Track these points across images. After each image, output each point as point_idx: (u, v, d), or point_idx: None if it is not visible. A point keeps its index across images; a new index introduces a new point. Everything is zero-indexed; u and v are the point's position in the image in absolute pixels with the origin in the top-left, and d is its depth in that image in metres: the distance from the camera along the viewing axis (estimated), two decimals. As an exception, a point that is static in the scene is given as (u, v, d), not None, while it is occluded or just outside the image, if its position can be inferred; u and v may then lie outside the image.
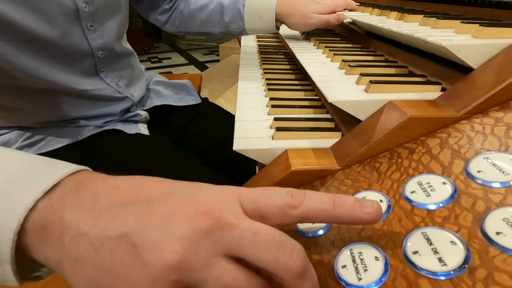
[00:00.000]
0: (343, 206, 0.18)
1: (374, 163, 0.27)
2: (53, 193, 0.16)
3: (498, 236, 0.17)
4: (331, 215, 0.18)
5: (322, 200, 0.18)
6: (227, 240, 0.15)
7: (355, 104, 0.30)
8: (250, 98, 0.45)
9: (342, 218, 0.18)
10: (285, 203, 0.17)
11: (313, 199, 0.18)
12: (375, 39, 0.49)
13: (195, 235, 0.15)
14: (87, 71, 0.53)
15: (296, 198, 0.18)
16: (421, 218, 0.20)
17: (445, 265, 0.17)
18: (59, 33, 0.45)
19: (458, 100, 0.27)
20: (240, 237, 0.15)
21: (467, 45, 0.27)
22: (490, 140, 0.23)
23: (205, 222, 0.15)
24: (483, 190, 0.20)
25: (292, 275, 0.16)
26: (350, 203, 0.18)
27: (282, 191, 0.18)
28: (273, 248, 0.16)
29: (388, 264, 0.19)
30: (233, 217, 0.16)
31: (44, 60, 0.46)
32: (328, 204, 0.18)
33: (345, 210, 0.18)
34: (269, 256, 0.16)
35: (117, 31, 0.56)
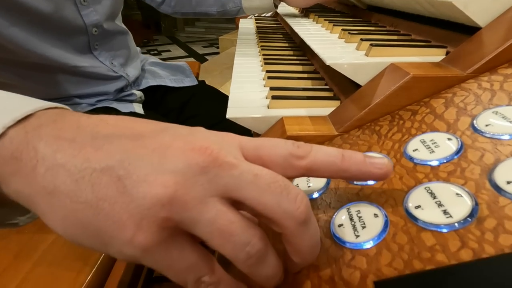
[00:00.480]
0: (352, 159, 0.17)
1: (374, 127, 0.25)
2: (27, 122, 0.14)
3: (509, 185, 0.15)
4: (339, 168, 0.17)
5: (330, 153, 0.17)
6: (225, 179, 0.14)
7: (354, 67, 0.28)
8: (246, 72, 0.43)
9: (350, 172, 0.17)
10: (291, 152, 0.16)
11: (320, 152, 0.17)
12: (377, 13, 0.47)
13: (190, 170, 0.13)
14: (80, 48, 0.51)
15: (303, 149, 0.16)
16: (424, 175, 0.19)
17: (450, 217, 0.15)
18: (51, 6, 0.44)
19: (464, 60, 0.25)
20: (239, 177, 0.14)
21: (475, 1, 0.25)
22: (499, 95, 0.21)
23: (202, 158, 0.14)
24: (492, 143, 0.18)
25: (295, 222, 0.14)
26: (359, 157, 0.17)
27: (288, 141, 0.17)
28: (276, 191, 0.14)
29: (388, 221, 0.17)
30: (233, 157, 0.14)
31: (35, 33, 0.45)
32: (336, 157, 0.17)
33: (354, 163, 0.17)
34: (272, 199, 0.14)
35: (111, 9, 0.55)
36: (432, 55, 0.29)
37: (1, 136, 0.13)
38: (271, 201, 0.14)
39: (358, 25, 0.44)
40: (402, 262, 0.15)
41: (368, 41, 0.31)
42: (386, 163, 0.17)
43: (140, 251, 0.13)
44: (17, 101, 0.15)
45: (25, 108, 0.14)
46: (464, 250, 0.14)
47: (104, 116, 0.16)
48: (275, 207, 0.14)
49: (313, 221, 0.16)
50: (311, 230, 0.15)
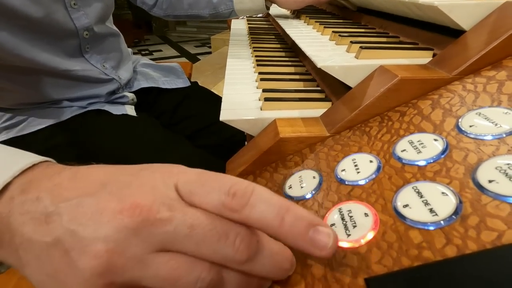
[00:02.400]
0: (292, 228, 0.15)
1: (365, 128, 0.26)
2: (2, 196, 0.15)
3: (491, 184, 0.16)
4: (275, 233, 0.15)
5: (269, 210, 0.15)
6: (159, 236, 0.14)
7: (345, 69, 0.29)
8: (238, 74, 0.44)
9: (286, 241, 0.15)
10: (223, 203, 0.15)
11: (258, 206, 0.15)
12: (367, 14, 0.48)
13: (121, 235, 0.14)
14: (71, 52, 0.51)
15: (237, 201, 0.15)
16: (412, 174, 0.20)
17: (436, 215, 0.16)
18: (42, 11, 0.43)
19: (449, 62, 0.26)
20: (174, 232, 0.14)
21: (459, 5, 0.26)
22: (482, 97, 0.22)
23: (132, 219, 0.14)
24: (475, 143, 0.19)
25: (237, 263, 0.15)
26: (301, 227, 0.15)
27: (223, 187, 0.15)
28: (213, 240, 0.14)
29: (378, 219, 0.18)
30: (166, 209, 0.14)
31: (25, 38, 0.44)
32: (274, 220, 0.15)
33: (292, 233, 0.15)
34: (209, 249, 0.14)
35: (102, 11, 0.54)
36: (419, 57, 0.30)
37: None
38: (208, 251, 0.14)
39: (348, 27, 0.45)
40: (391, 260, 0.16)
41: (358, 43, 0.32)
42: (330, 244, 0.15)
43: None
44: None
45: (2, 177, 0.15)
46: (449, 247, 0.15)
47: (61, 178, 0.16)
48: (214, 256, 0.14)
49: (265, 250, 0.15)
50: (262, 259, 0.15)
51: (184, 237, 0.14)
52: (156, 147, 0.53)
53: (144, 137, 0.54)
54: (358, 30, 0.43)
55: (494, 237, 0.14)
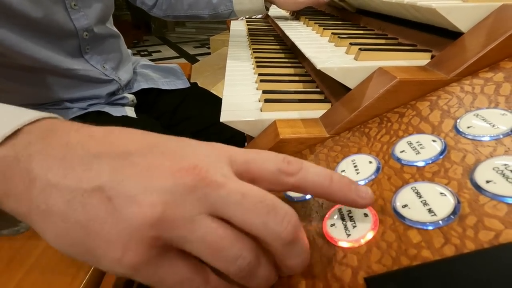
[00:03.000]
0: (339, 184, 0.17)
1: (364, 129, 0.26)
2: (16, 140, 0.14)
3: (488, 184, 0.16)
4: (326, 191, 0.17)
5: (319, 173, 0.17)
6: (213, 198, 0.14)
7: (344, 71, 0.29)
8: (238, 75, 0.44)
9: (335, 196, 0.17)
10: (280, 168, 0.16)
11: (310, 171, 0.17)
12: (365, 16, 0.49)
13: (178, 190, 0.14)
14: (71, 52, 0.51)
15: (293, 166, 0.16)
16: (410, 175, 0.20)
17: (434, 215, 0.16)
18: (41, 11, 0.44)
19: (447, 64, 0.26)
20: (227, 196, 0.14)
21: (457, 7, 0.27)
22: (480, 98, 0.22)
23: (190, 178, 0.14)
24: (473, 144, 0.19)
25: (281, 242, 0.15)
26: (346, 183, 0.17)
27: (278, 156, 0.17)
28: (263, 211, 0.14)
29: (378, 220, 0.18)
30: (220, 175, 0.14)
31: (26, 35, 0.45)
32: (325, 179, 0.17)
33: (340, 189, 0.17)
34: (258, 220, 0.14)
35: (102, 12, 0.54)
36: (418, 59, 0.31)
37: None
38: (257, 222, 0.14)
39: (347, 28, 0.45)
40: (391, 259, 0.16)
41: (357, 45, 0.32)
42: (369, 193, 0.17)
43: (130, 270, 0.13)
44: (3, 115, 0.15)
45: (12, 124, 0.14)
46: (447, 246, 0.15)
47: (92, 131, 0.15)
48: (261, 228, 0.14)
49: (302, 238, 0.16)
50: (298, 248, 0.15)
51: (235, 204, 0.14)
52: None
53: None
54: (357, 31, 0.43)
55: (491, 236, 0.14)
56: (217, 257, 0.14)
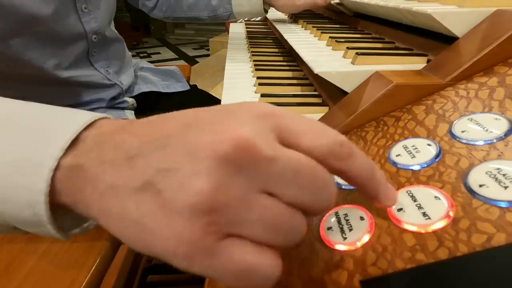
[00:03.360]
0: (378, 181, 0.16)
1: (361, 132, 0.27)
2: (76, 149, 0.15)
3: (481, 188, 0.17)
4: (364, 184, 0.16)
5: (365, 164, 0.16)
6: (264, 177, 0.13)
7: (341, 75, 0.30)
8: (237, 78, 0.44)
9: (368, 191, 0.17)
10: (332, 150, 0.15)
11: (358, 160, 0.15)
12: (363, 20, 0.49)
13: (225, 171, 0.13)
14: (79, 55, 0.52)
15: (344, 150, 0.15)
16: (406, 179, 0.20)
17: (429, 218, 0.17)
18: (53, 13, 0.44)
19: (443, 68, 0.27)
20: (279, 175, 0.13)
21: (452, 13, 0.27)
22: (474, 103, 0.23)
23: (235, 154, 0.13)
24: (467, 148, 0.20)
25: (322, 211, 0.15)
26: (384, 181, 0.17)
27: (331, 134, 0.15)
28: (315, 189, 0.14)
29: (373, 223, 0.19)
30: (270, 148, 0.13)
31: (34, 43, 0.45)
32: (368, 172, 0.16)
33: (376, 186, 0.16)
34: (309, 198, 0.14)
35: (108, 14, 0.55)
36: (414, 63, 0.31)
37: (56, 168, 0.14)
38: (309, 199, 0.14)
39: (345, 32, 0.46)
40: (386, 262, 0.16)
41: (354, 49, 0.33)
42: (396, 197, 0.17)
43: (186, 262, 0.13)
44: (57, 122, 0.15)
45: (69, 132, 0.15)
46: (441, 249, 0.15)
47: (136, 127, 0.15)
48: (311, 204, 0.14)
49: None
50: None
51: (289, 182, 0.13)
52: None
53: None
54: (355, 35, 0.44)
55: (484, 239, 0.15)
56: (275, 235, 0.14)
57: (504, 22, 0.25)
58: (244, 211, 0.13)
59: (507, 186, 0.16)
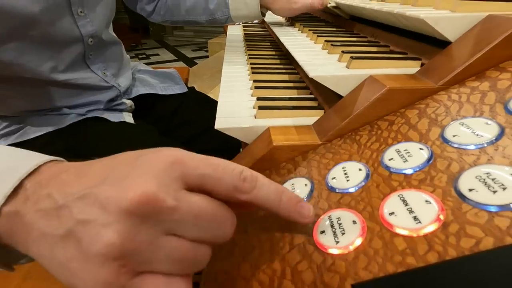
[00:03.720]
0: (287, 204, 0.19)
1: (355, 136, 0.27)
2: (17, 197, 0.16)
3: (471, 192, 0.17)
4: (273, 209, 0.18)
5: (270, 192, 0.18)
6: (167, 223, 0.16)
7: (336, 79, 0.30)
8: (234, 81, 0.44)
9: (281, 214, 0.19)
10: (235, 186, 0.17)
11: (262, 190, 0.18)
12: (359, 23, 0.49)
13: (131, 222, 0.15)
14: (75, 58, 0.52)
15: (247, 185, 0.17)
16: (398, 183, 0.20)
17: (419, 222, 0.17)
18: (48, 16, 0.44)
19: (436, 73, 0.27)
20: (181, 220, 0.16)
21: (445, 18, 0.27)
22: (466, 107, 0.23)
23: (140, 208, 0.15)
24: (458, 152, 0.20)
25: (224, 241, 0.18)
26: (293, 203, 0.19)
27: (235, 172, 0.17)
28: (214, 227, 0.17)
29: (366, 227, 0.19)
30: (172, 198, 0.15)
31: (30, 47, 0.45)
32: (274, 199, 0.18)
33: (286, 208, 0.19)
34: (209, 235, 0.17)
35: (106, 18, 0.55)
36: (408, 67, 0.31)
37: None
38: (209, 235, 0.17)
39: (341, 35, 0.46)
40: (377, 266, 0.16)
41: (349, 53, 0.33)
42: (311, 213, 0.19)
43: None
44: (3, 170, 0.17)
45: (11, 181, 0.16)
46: (430, 253, 0.15)
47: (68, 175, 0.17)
48: (212, 238, 0.17)
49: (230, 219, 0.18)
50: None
51: (190, 225, 0.16)
52: None
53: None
54: (350, 39, 0.44)
55: (472, 243, 0.15)
56: (183, 266, 0.16)
57: (496, 27, 0.25)
58: (151, 253, 0.15)
59: (496, 191, 0.16)
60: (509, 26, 0.24)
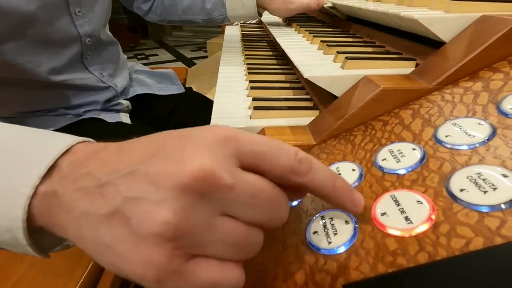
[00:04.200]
0: (340, 190, 0.17)
1: (349, 136, 0.27)
2: (52, 176, 0.16)
3: (462, 192, 0.17)
4: (327, 195, 0.17)
5: (326, 176, 0.17)
6: (223, 202, 0.14)
7: (330, 79, 0.30)
8: (230, 82, 0.44)
9: (333, 200, 0.18)
10: (291, 167, 0.16)
11: (318, 174, 0.17)
12: (355, 23, 0.49)
13: (187, 200, 0.14)
14: (73, 58, 0.52)
15: (304, 167, 0.16)
16: (390, 183, 0.20)
17: (410, 222, 0.17)
18: (46, 16, 0.44)
19: (430, 73, 0.27)
20: (237, 199, 0.14)
21: (439, 18, 0.27)
22: (459, 108, 0.23)
23: (196, 184, 0.14)
24: (450, 153, 0.20)
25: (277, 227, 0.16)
26: (347, 189, 0.18)
27: (290, 152, 0.16)
28: (270, 210, 0.16)
29: (358, 227, 0.19)
30: (228, 175, 0.14)
31: (28, 47, 0.45)
32: (329, 183, 0.17)
33: (339, 194, 0.17)
34: (265, 217, 0.16)
35: (103, 18, 0.55)
36: (402, 67, 0.31)
37: (34, 195, 0.15)
38: (264, 219, 0.16)
39: (337, 36, 0.46)
40: (368, 266, 0.16)
41: (344, 53, 0.33)
42: (362, 203, 0.18)
43: (155, 284, 0.14)
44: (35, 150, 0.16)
45: (46, 160, 0.16)
46: (421, 254, 0.16)
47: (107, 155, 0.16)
48: (267, 222, 0.16)
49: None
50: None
51: (246, 205, 0.15)
52: None
53: None
54: (346, 39, 0.44)
55: (462, 244, 0.15)
56: (237, 251, 0.15)
57: (489, 27, 0.25)
58: (207, 235, 0.14)
59: (487, 191, 0.16)
60: (503, 26, 0.24)
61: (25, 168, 0.16)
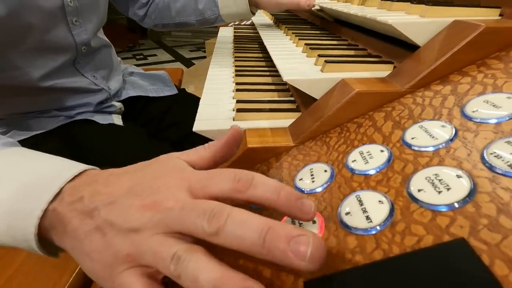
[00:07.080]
0: (286, 199, 0.19)
1: (325, 138, 0.28)
2: (56, 199, 0.21)
3: (419, 193, 0.18)
4: (272, 205, 0.19)
5: (268, 188, 0.19)
6: (163, 220, 0.18)
7: (309, 82, 0.31)
8: (217, 83, 0.45)
9: (281, 209, 0.19)
10: (232, 188, 0.19)
11: (259, 187, 0.19)
12: (342, 26, 0.50)
13: (145, 221, 0.18)
14: (65, 64, 0.52)
15: (242, 184, 0.19)
16: (358, 183, 0.21)
17: (371, 221, 0.18)
18: (44, 27, 0.45)
19: (404, 76, 0.28)
20: (172, 215, 0.18)
21: (413, 23, 0.28)
22: (427, 110, 0.24)
23: (150, 211, 0.18)
24: (414, 154, 0.21)
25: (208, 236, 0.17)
26: (292, 198, 0.19)
27: (229, 176, 0.19)
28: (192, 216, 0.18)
29: (324, 226, 0.20)
30: (173, 201, 0.18)
31: (26, 56, 0.46)
32: (272, 194, 0.19)
33: (285, 203, 0.19)
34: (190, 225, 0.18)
35: (98, 25, 0.56)
36: (381, 70, 0.32)
37: (43, 216, 0.20)
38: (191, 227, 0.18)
39: (322, 38, 0.47)
40: (329, 263, 0.17)
41: (324, 57, 0.34)
42: (312, 208, 0.19)
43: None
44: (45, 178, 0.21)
45: (54, 187, 0.21)
46: (377, 251, 0.16)
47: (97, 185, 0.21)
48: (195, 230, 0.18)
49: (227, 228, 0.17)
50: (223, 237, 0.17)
51: (176, 218, 0.18)
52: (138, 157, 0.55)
53: (128, 147, 0.55)
54: (330, 42, 0.45)
55: (414, 241, 0.16)
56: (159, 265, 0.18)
57: (459, 32, 0.26)
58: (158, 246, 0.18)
59: (441, 191, 0.17)
60: (471, 31, 0.25)
61: (37, 195, 0.20)
